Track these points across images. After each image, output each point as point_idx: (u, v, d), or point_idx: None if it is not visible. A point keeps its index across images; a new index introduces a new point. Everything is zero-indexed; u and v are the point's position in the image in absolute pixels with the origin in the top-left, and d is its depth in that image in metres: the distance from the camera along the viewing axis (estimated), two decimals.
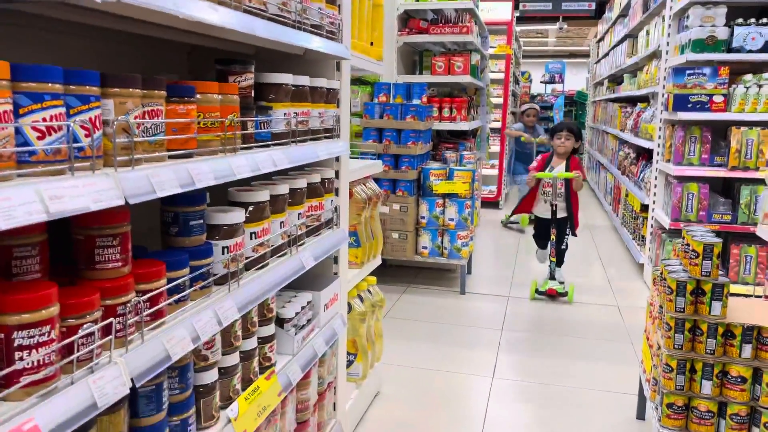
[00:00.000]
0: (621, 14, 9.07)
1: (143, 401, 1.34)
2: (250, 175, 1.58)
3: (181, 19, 1.24)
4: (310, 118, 2.07)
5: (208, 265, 1.53)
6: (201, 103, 1.45)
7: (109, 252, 1.21)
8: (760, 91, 4.55)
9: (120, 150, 1.17)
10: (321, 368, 2.39)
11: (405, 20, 5.71)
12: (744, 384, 2.31)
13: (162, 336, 1.30)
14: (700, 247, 2.33)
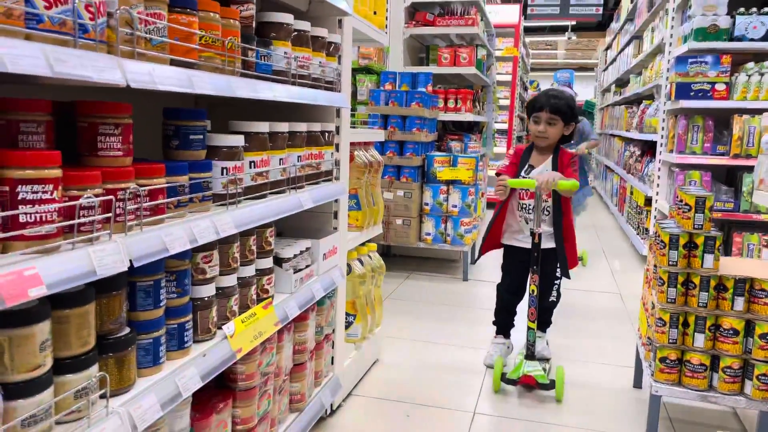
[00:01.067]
0: (628, 18, 9.15)
1: (141, 295, 1.40)
2: (247, 95, 1.64)
3: None
4: (311, 64, 2.14)
5: (207, 179, 1.59)
6: (203, 20, 1.52)
7: (111, 140, 1.27)
8: (762, 79, 4.59)
9: (123, 42, 1.24)
10: (319, 317, 2.43)
11: (412, 13, 5.81)
12: (736, 337, 2.33)
13: (161, 231, 1.36)
14: (692, 200, 2.37)
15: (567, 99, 3.02)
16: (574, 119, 3.03)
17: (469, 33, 5.82)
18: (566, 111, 2.99)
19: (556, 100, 2.97)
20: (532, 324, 2.94)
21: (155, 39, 1.33)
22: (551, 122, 2.97)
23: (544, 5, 10.45)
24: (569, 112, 3.00)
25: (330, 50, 2.34)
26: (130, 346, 1.35)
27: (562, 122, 2.98)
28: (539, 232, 2.88)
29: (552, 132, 2.99)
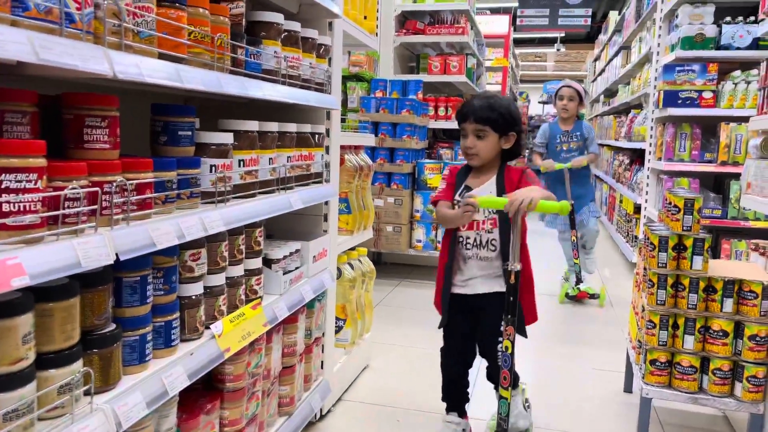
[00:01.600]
0: (616, 30, 9.25)
1: (127, 291, 1.38)
2: (237, 92, 1.64)
3: None
4: (301, 65, 2.13)
5: (196, 176, 1.58)
6: (192, 16, 1.51)
7: (98, 132, 1.26)
8: (748, 87, 4.64)
9: (110, 34, 1.23)
10: (309, 320, 2.42)
11: (402, 21, 5.84)
12: (726, 338, 2.33)
13: (148, 225, 1.34)
14: (681, 202, 2.38)
15: (501, 103, 2.27)
16: (512, 129, 2.26)
17: (459, 41, 5.85)
18: (497, 119, 2.23)
19: (483, 106, 2.24)
20: (505, 392, 2.09)
21: (144, 32, 1.32)
22: (480, 135, 2.23)
23: (534, 16, 10.55)
24: (503, 120, 2.23)
25: (320, 52, 2.34)
26: (116, 343, 1.33)
27: (494, 133, 2.23)
28: (514, 269, 2.03)
29: (483, 147, 2.23)
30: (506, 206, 2.00)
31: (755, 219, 4.62)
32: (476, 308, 2.30)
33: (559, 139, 4.76)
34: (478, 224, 2.27)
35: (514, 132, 2.27)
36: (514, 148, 2.30)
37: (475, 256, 2.28)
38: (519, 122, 2.29)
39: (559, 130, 4.78)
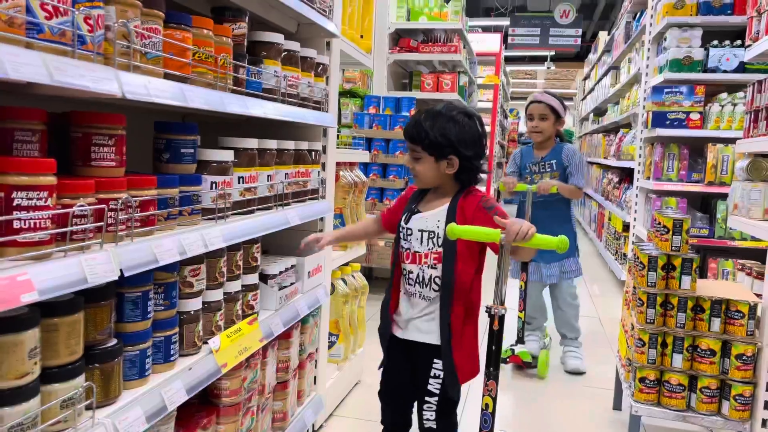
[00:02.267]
0: (605, 50, 9.39)
1: (129, 306, 1.40)
2: (239, 111, 1.67)
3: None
4: (300, 83, 2.17)
5: (197, 193, 1.60)
6: (196, 37, 1.55)
7: (105, 150, 1.28)
8: (734, 109, 4.73)
9: (120, 55, 1.26)
10: (303, 335, 2.43)
11: (396, 39, 5.91)
12: (713, 357, 2.37)
13: (151, 242, 1.36)
14: (670, 222, 2.43)
15: (436, 123, 1.84)
16: (450, 152, 1.84)
17: (451, 60, 5.93)
18: (424, 140, 1.84)
19: (415, 124, 1.88)
20: None
21: (151, 53, 1.36)
22: (415, 156, 1.91)
23: (525, 35, 10.70)
24: (434, 142, 1.84)
25: (318, 71, 2.38)
26: (117, 357, 1.34)
27: (428, 156, 1.87)
28: (498, 312, 1.73)
29: (420, 170, 1.91)
30: (501, 239, 1.69)
31: (742, 239, 4.69)
32: (414, 356, 1.97)
33: (529, 169, 3.58)
34: (421, 258, 1.91)
35: (456, 157, 1.85)
36: (463, 175, 1.90)
37: (417, 293, 1.93)
38: (463, 145, 1.84)
39: (531, 157, 3.59)
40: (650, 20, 5.43)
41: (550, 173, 3.55)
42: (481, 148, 1.91)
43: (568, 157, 3.50)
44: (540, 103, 3.52)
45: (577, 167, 3.48)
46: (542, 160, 3.58)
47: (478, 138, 1.89)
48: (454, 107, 1.89)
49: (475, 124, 1.90)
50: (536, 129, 3.53)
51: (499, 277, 1.74)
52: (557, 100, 3.56)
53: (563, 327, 3.73)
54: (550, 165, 3.55)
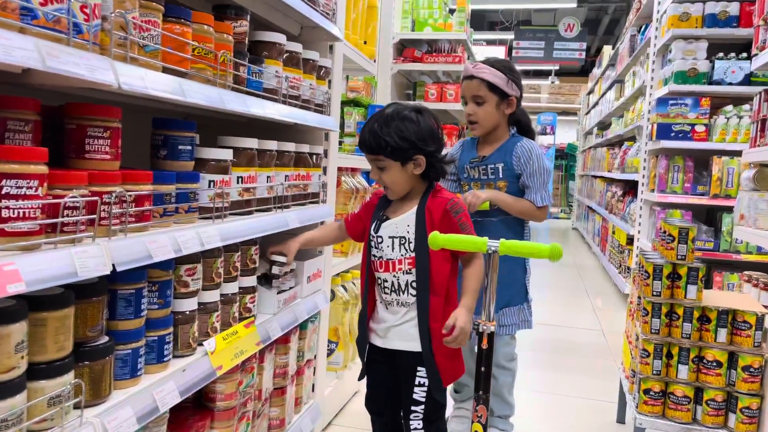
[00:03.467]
0: (609, 64, 9.39)
1: (122, 303, 1.37)
2: (239, 110, 1.65)
3: None
4: (302, 85, 2.15)
5: (194, 191, 1.57)
6: (196, 32, 1.53)
7: (99, 143, 1.26)
8: (740, 122, 4.71)
9: (116, 46, 1.24)
10: (301, 341, 2.39)
11: (400, 49, 5.91)
12: (720, 368, 2.32)
13: (145, 237, 1.33)
14: (676, 231, 2.39)
15: (394, 125, 1.77)
16: (416, 152, 1.78)
17: (455, 70, 5.92)
18: (385, 146, 1.77)
19: (370, 132, 1.80)
20: None
21: (149, 46, 1.33)
22: (379, 166, 1.83)
23: (529, 48, 10.72)
24: (395, 147, 1.76)
25: (320, 74, 2.36)
26: (108, 356, 1.31)
27: (394, 162, 1.79)
28: (487, 330, 1.61)
29: (389, 179, 1.83)
30: (489, 247, 1.60)
31: (747, 252, 4.65)
32: (396, 365, 1.92)
33: (466, 172, 2.52)
34: (394, 265, 1.85)
35: (420, 155, 1.79)
36: (431, 171, 1.83)
37: (395, 301, 1.88)
38: (423, 141, 1.78)
39: (469, 155, 2.52)
40: (655, 33, 5.42)
41: (494, 182, 2.44)
42: (440, 141, 1.86)
43: (521, 161, 2.38)
44: (472, 79, 2.39)
45: (535, 175, 2.38)
46: (484, 161, 2.44)
47: (434, 131, 1.84)
48: (402, 107, 1.84)
49: (428, 119, 1.84)
50: (471, 118, 2.43)
51: (487, 289, 1.62)
52: (500, 69, 2.36)
53: (492, 399, 2.30)
54: (494, 169, 2.43)
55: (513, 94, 2.40)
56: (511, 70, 2.41)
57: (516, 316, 2.48)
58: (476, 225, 2.31)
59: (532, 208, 2.41)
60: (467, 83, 2.42)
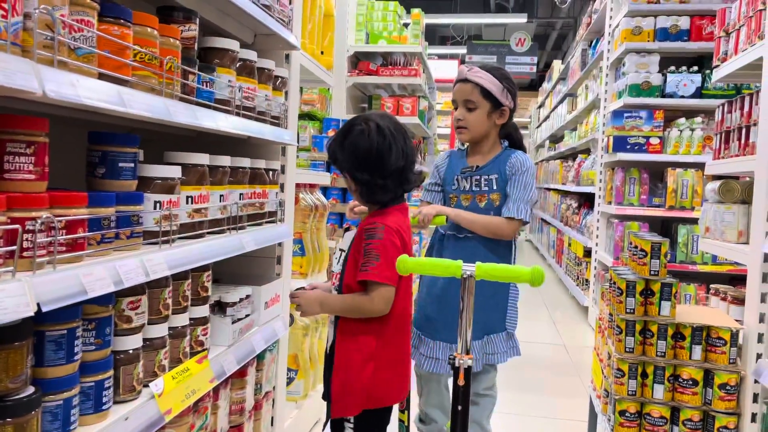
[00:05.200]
0: (560, 78, 9.53)
1: (51, 347, 1.17)
2: (187, 122, 1.48)
3: None
4: (257, 96, 2.00)
5: (138, 213, 1.39)
6: (138, 35, 1.36)
7: (21, 160, 1.07)
8: (693, 134, 4.77)
9: (42, 47, 1.06)
10: (259, 372, 2.21)
11: (355, 62, 5.80)
12: (695, 387, 2.25)
13: (79, 269, 1.15)
14: (648, 245, 2.32)
15: (340, 137, 1.71)
16: (349, 173, 1.71)
17: (411, 84, 5.84)
18: (334, 159, 1.74)
19: (328, 146, 1.78)
20: None
21: (81, 48, 1.16)
22: (348, 183, 1.80)
23: (485, 62, 10.80)
24: (340, 158, 1.71)
25: (277, 84, 2.21)
26: (34, 410, 1.11)
27: (345, 173, 1.74)
28: (464, 365, 1.46)
29: (354, 193, 1.80)
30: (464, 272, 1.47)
31: (703, 263, 4.69)
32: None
33: (456, 183, 2.34)
34: (336, 276, 1.81)
35: (358, 172, 1.68)
36: (373, 196, 1.71)
37: (330, 318, 1.85)
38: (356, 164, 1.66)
39: (458, 166, 2.35)
40: (608, 46, 5.47)
41: (488, 194, 2.27)
42: (379, 161, 1.64)
43: (513, 169, 2.24)
44: (466, 82, 2.24)
45: (519, 187, 2.22)
46: (477, 171, 2.29)
47: (371, 151, 1.65)
48: (357, 118, 1.71)
49: (368, 135, 1.65)
50: (460, 123, 2.27)
51: (462, 315, 1.46)
52: (496, 76, 2.22)
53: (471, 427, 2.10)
54: (488, 181, 2.27)
55: (506, 104, 2.25)
56: (507, 79, 2.26)
57: (507, 343, 2.30)
58: (457, 243, 2.25)
59: (498, 223, 2.21)
60: (460, 86, 2.26)
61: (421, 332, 2.30)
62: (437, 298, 2.27)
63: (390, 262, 1.60)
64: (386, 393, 1.71)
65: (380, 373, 1.68)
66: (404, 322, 1.78)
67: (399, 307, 1.72)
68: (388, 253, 1.62)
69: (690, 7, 4.71)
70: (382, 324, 1.69)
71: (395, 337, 1.73)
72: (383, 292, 1.63)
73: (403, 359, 1.78)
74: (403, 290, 1.74)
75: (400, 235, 1.67)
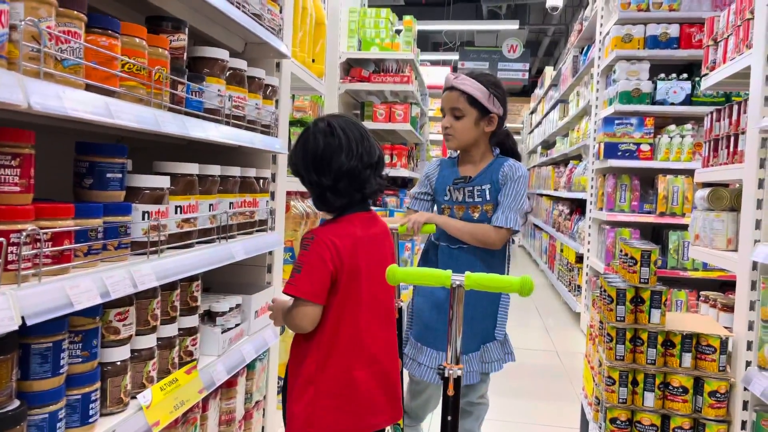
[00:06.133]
0: (552, 84, 9.57)
1: (37, 360, 1.16)
2: (176, 132, 1.47)
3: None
4: (247, 105, 1.99)
5: (125, 224, 1.39)
6: (126, 45, 1.35)
7: (6, 173, 1.06)
8: (683, 141, 4.80)
9: (28, 59, 1.06)
10: (249, 382, 2.20)
11: (347, 69, 5.80)
12: (686, 395, 2.26)
13: (65, 282, 1.14)
14: (638, 253, 2.33)
15: (300, 140, 1.62)
16: (305, 169, 1.60)
17: (403, 90, 5.85)
18: (291, 161, 1.69)
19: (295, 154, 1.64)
20: None
21: (68, 60, 1.15)
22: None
23: (474, 69, 10.84)
24: (293, 160, 1.64)
25: (267, 93, 2.21)
26: (19, 424, 1.10)
27: (299, 177, 1.66)
28: (453, 374, 1.38)
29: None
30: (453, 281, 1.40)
31: (693, 269, 4.71)
32: None
33: (448, 194, 2.32)
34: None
35: (313, 174, 1.58)
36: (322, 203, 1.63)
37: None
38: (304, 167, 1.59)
39: (450, 176, 2.33)
40: (599, 53, 5.50)
41: (481, 205, 2.25)
42: (327, 161, 1.54)
43: (505, 177, 2.22)
44: (452, 90, 2.23)
45: (510, 195, 2.20)
46: (471, 181, 2.26)
47: (317, 151, 1.55)
48: (314, 123, 1.61)
49: (315, 136, 1.56)
50: (447, 131, 2.27)
51: (452, 325, 1.41)
52: (484, 83, 2.20)
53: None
54: (480, 192, 2.25)
55: (494, 111, 2.23)
56: (495, 86, 2.24)
57: (503, 350, 2.30)
58: (450, 254, 2.25)
59: (485, 231, 2.19)
60: (447, 94, 2.26)
61: (420, 342, 2.30)
62: (437, 307, 2.25)
63: (313, 276, 1.50)
64: (333, 423, 1.55)
65: (321, 400, 1.55)
66: (354, 349, 1.58)
67: (345, 332, 1.56)
68: (312, 268, 1.51)
69: (679, 15, 4.74)
70: (319, 347, 1.56)
71: (340, 363, 1.56)
72: (303, 308, 1.51)
73: (352, 394, 1.57)
74: (351, 312, 1.57)
75: (334, 248, 1.52)
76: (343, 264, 1.54)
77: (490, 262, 2.25)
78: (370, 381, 1.59)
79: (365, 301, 1.59)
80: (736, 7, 2.49)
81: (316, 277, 1.51)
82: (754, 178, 2.17)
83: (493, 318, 2.27)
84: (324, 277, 1.52)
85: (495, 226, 2.19)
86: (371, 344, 1.60)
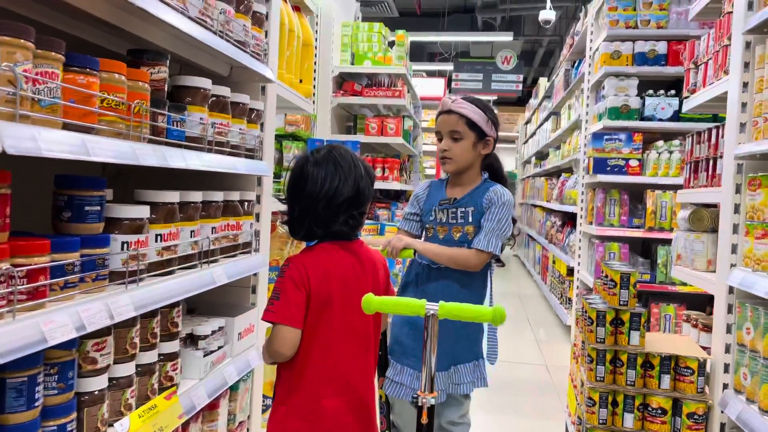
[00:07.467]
0: (546, 95, 9.63)
1: (11, 394, 1.19)
2: (155, 164, 1.50)
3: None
4: (230, 131, 2.02)
5: (103, 256, 1.41)
6: (105, 82, 1.38)
7: None
8: (671, 156, 4.83)
9: (4, 103, 1.08)
10: (232, 403, 2.22)
11: (340, 83, 5.84)
12: (665, 416, 2.29)
13: (39, 318, 1.17)
14: (617, 276, 2.36)
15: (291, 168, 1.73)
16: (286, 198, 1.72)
17: (396, 104, 5.90)
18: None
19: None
20: None
21: (45, 100, 1.18)
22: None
23: (468, 80, 10.90)
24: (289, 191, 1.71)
25: (252, 117, 2.24)
26: None
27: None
28: (427, 403, 1.43)
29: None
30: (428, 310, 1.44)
31: (682, 284, 4.73)
32: None
33: (433, 215, 2.34)
34: None
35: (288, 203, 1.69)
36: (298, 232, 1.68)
37: None
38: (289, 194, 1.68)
39: (437, 197, 2.36)
40: (588, 69, 5.55)
41: (463, 226, 2.27)
42: (295, 195, 1.63)
43: (490, 202, 2.23)
44: (450, 113, 2.27)
45: (493, 220, 2.20)
46: (455, 204, 2.29)
47: (291, 183, 1.65)
48: (314, 150, 1.71)
49: (298, 165, 1.66)
50: (445, 154, 2.29)
51: (426, 353, 1.43)
52: (480, 107, 2.27)
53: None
54: (464, 213, 2.27)
55: (491, 134, 2.29)
56: (490, 110, 2.31)
57: (474, 373, 2.30)
58: (430, 274, 2.26)
59: (465, 255, 2.19)
60: (444, 117, 2.28)
61: (390, 356, 2.30)
62: (409, 323, 2.26)
63: (290, 302, 1.55)
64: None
65: (290, 421, 1.60)
66: (325, 377, 1.60)
67: (315, 358, 1.59)
68: (287, 294, 1.56)
69: (667, 33, 4.79)
70: (291, 370, 1.61)
71: (309, 388, 1.59)
72: (282, 334, 1.55)
73: (318, 420, 1.59)
74: (322, 340, 1.60)
75: (305, 274, 1.57)
76: (311, 290, 1.58)
77: (471, 284, 2.27)
78: (341, 407, 1.61)
79: (339, 330, 1.62)
80: (715, 33, 2.53)
81: (292, 302, 1.56)
82: (730, 203, 2.20)
83: (469, 340, 2.28)
84: (300, 301, 1.57)
85: (476, 249, 2.20)
86: (346, 372, 1.63)
